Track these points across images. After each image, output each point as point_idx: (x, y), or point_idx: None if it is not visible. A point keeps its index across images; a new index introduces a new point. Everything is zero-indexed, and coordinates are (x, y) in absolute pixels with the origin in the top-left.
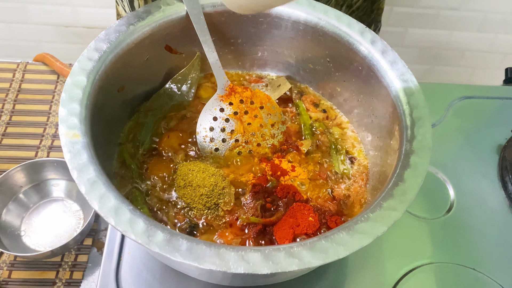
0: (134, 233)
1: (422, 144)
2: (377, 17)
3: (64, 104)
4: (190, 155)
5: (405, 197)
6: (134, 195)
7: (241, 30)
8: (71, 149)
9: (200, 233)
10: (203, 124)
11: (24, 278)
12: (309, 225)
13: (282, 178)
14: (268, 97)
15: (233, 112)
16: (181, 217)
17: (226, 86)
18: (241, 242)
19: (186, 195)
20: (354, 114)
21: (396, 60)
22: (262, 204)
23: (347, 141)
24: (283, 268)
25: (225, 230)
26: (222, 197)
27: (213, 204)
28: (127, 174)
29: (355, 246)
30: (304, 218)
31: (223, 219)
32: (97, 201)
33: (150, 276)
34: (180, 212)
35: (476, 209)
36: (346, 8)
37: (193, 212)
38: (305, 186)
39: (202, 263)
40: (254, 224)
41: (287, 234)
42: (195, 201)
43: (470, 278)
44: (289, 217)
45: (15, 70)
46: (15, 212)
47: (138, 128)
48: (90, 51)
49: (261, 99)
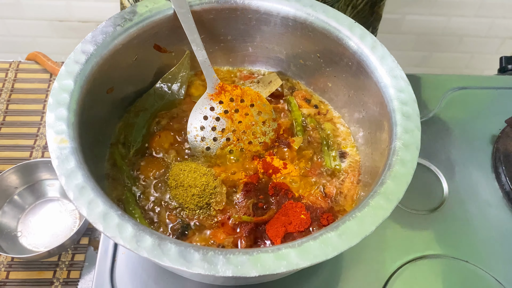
0: (123, 239)
1: (410, 141)
2: (375, 22)
3: (52, 109)
4: (181, 155)
5: (393, 196)
6: (126, 196)
7: (230, 27)
8: (59, 154)
9: (192, 233)
10: (193, 124)
11: (22, 279)
12: (301, 223)
13: (274, 176)
14: (259, 94)
15: (224, 110)
16: (173, 218)
17: (216, 84)
18: (233, 241)
19: (178, 195)
20: (345, 109)
21: (385, 56)
22: (254, 203)
23: (339, 137)
24: (271, 271)
25: (218, 230)
26: (214, 197)
27: (205, 204)
28: (119, 175)
29: (343, 246)
30: (296, 216)
31: (215, 218)
32: (85, 207)
33: (145, 275)
34: (172, 213)
35: (470, 202)
36: (352, 8)
37: (185, 212)
38: (297, 184)
39: (190, 268)
40: (246, 223)
41: (279, 232)
42: (187, 201)
43: (463, 270)
44: (281, 215)
45: (7, 69)
46: (11, 213)
47: (128, 129)
48: (77, 54)
49: (252, 96)
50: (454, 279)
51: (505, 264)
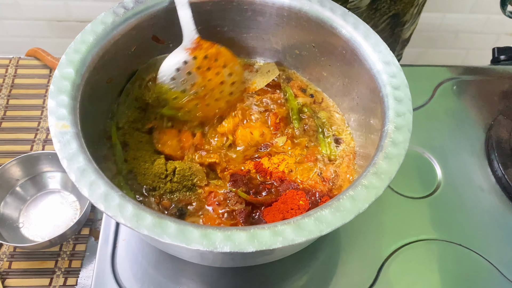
0: (124, 218)
1: (402, 124)
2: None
3: (53, 96)
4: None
5: (386, 175)
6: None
7: (226, 19)
8: (60, 139)
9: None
10: (164, 73)
11: (24, 268)
12: (299, 208)
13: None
14: (233, 57)
15: (197, 66)
16: (167, 203)
17: (193, 39)
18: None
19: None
20: (340, 97)
21: (378, 43)
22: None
23: (334, 124)
24: (267, 246)
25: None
26: (194, 176)
27: (191, 185)
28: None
29: (337, 223)
30: (294, 203)
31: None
32: (87, 188)
33: (145, 262)
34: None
35: (463, 187)
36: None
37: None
38: (294, 172)
39: (189, 244)
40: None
41: (276, 218)
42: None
43: (457, 253)
44: (280, 203)
45: (7, 65)
46: (13, 205)
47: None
48: (77, 44)
49: (226, 58)
50: (448, 262)
51: (497, 246)
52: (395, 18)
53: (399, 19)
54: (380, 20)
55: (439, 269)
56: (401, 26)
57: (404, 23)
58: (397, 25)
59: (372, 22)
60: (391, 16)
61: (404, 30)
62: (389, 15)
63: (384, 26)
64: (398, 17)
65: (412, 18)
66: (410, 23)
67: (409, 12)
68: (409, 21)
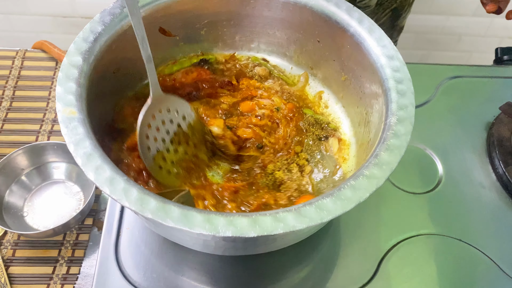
0: (128, 201)
1: (405, 116)
2: (395, 34)
3: (61, 83)
4: None
5: (387, 166)
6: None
7: (232, 12)
8: (68, 124)
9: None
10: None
11: (27, 256)
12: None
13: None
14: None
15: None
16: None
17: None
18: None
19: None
20: (344, 92)
21: (382, 37)
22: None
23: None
24: (268, 231)
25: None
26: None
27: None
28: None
29: (337, 211)
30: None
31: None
32: (93, 172)
33: (148, 250)
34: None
35: (464, 184)
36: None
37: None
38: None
39: (192, 227)
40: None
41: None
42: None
43: (456, 248)
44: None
45: (14, 57)
46: (18, 193)
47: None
48: (85, 33)
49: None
50: (447, 257)
51: (496, 242)
52: (395, 11)
53: (398, 12)
54: (382, 14)
55: (439, 263)
56: (400, 17)
57: (401, 14)
58: (397, 17)
59: (375, 17)
60: (392, 9)
61: (401, 19)
62: (390, 9)
63: (385, 20)
64: (397, 10)
65: (408, 8)
66: (406, 13)
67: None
68: (406, 11)
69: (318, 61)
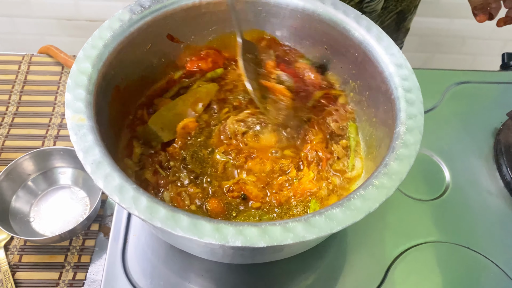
0: (138, 210)
1: (414, 126)
2: (401, 35)
3: (70, 90)
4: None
5: (396, 176)
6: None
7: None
8: (77, 132)
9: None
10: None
11: (34, 262)
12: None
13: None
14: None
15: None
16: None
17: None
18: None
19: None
20: (351, 99)
21: (390, 46)
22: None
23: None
24: (278, 242)
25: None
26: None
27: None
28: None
29: (347, 221)
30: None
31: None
32: (102, 180)
33: (155, 257)
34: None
35: (471, 191)
36: (380, 24)
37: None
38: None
39: (202, 237)
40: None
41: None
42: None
43: (464, 256)
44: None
45: (20, 62)
46: (24, 199)
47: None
48: (94, 39)
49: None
50: (455, 264)
51: (505, 250)
52: (400, 14)
53: (404, 15)
54: (387, 17)
55: (447, 271)
56: (405, 20)
57: (407, 16)
58: (402, 20)
59: (380, 20)
60: (397, 12)
61: (407, 22)
62: (395, 12)
63: (390, 22)
64: (403, 13)
65: (414, 10)
66: (412, 15)
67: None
68: (412, 13)
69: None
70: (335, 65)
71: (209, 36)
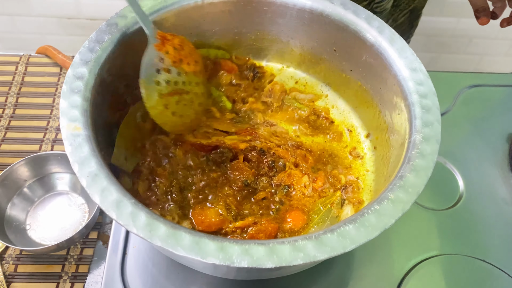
0: (136, 227)
1: (430, 135)
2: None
3: (65, 97)
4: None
5: (413, 189)
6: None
7: (245, 20)
8: (72, 142)
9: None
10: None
11: (30, 272)
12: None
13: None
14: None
15: (172, 61)
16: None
17: (156, 34)
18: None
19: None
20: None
21: (404, 48)
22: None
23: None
24: (287, 262)
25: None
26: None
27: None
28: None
29: (361, 239)
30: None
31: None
32: (98, 194)
33: (156, 270)
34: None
35: (486, 200)
36: (392, 21)
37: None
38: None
39: (205, 257)
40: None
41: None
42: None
43: (480, 269)
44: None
45: (17, 63)
46: (20, 206)
47: None
48: (91, 43)
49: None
50: (470, 278)
51: None
52: (413, 11)
53: (417, 12)
54: (399, 15)
55: (461, 285)
56: (418, 17)
57: (420, 13)
58: (416, 17)
59: (392, 18)
60: (410, 10)
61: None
62: (408, 9)
63: (403, 20)
64: (416, 10)
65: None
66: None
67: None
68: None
69: (334, 71)
70: (345, 68)
71: (211, 38)
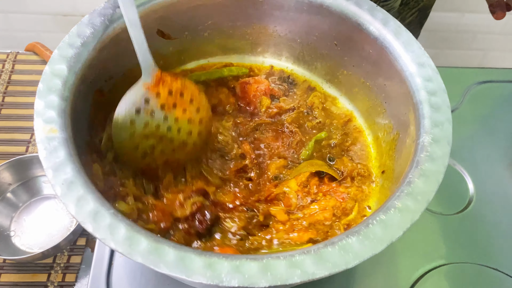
0: (114, 241)
1: (441, 136)
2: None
3: (41, 96)
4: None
5: (422, 196)
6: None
7: (240, 13)
8: (47, 145)
9: None
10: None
11: (14, 282)
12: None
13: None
14: (198, 89)
15: (161, 104)
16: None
17: (154, 73)
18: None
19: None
20: (365, 103)
21: (410, 42)
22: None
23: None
24: (283, 281)
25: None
26: None
27: None
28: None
29: (366, 253)
30: None
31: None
32: (73, 204)
33: (144, 280)
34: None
35: (498, 203)
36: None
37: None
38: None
39: (190, 275)
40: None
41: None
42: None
43: (492, 279)
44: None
45: (4, 60)
46: (3, 212)
47: None
48: (72, 37)
49: (192, 91)
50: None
51: None
52: (422, 10)
53: (425, 11)
54: (408, 13)
55: None
56: (427, 16)
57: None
58: (424, 17)
59: (400, 17)
60: (419, 8)
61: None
62: (417, 8)
63: (412, 19)
64: (425, 9)
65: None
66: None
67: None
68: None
69: (334, 67)
70: (347, 63)
71: (204, 32)
